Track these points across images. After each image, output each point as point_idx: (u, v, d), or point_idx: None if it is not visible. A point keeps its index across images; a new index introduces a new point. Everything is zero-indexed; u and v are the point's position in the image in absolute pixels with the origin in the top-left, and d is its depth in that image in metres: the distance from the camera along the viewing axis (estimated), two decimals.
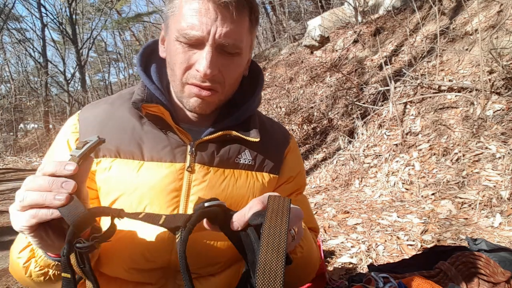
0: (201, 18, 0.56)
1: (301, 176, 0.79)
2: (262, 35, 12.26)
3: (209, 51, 0.57)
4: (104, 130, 0.64)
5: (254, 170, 0.69)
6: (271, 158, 0.72)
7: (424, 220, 2.07)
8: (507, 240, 1.73)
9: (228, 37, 0.57)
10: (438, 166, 2.58)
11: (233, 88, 0.67)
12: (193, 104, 0.63)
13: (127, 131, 0.64)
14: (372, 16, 5.48)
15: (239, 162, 0.68)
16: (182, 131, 0.65)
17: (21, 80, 14.72)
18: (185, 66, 0.60)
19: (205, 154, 0.65)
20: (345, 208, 2.50)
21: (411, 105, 3.35)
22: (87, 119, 0.66)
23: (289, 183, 0.75)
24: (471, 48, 3.28)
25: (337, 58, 5.53)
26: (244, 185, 0.67)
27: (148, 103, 0.63)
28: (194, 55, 0.59)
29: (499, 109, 2.62)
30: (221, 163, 0.66)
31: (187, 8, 0.57)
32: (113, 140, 0.63)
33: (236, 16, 0.57)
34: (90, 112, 0.68)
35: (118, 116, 0.66)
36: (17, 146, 11.59)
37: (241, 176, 0.68)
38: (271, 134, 0.75)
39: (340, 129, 4.06)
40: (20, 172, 6.94)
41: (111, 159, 0.63)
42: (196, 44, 0.58)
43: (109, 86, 21.61)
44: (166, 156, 0.64)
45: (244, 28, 0.60)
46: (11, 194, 4.41)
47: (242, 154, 0.69)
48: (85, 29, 15.21)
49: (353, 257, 1.76)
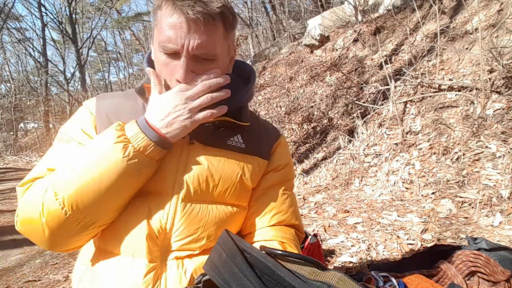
0: (175, 32, 0.62)
1: (289, 169, 0.83)
2: (262, 34, 12.25)
3: (183, 61, 0.63)
4: (118, 111, 0.73)
5: (245, 153, 0.75)
6: (261, 144, 0.79)
7: (424, 219, 2.07)
8: (507, 239, 1.73)
9: (200, 48, 0.63)
10: (438, 165, 2.58)
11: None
12: None
13: (137, 115, 0.69)
14: (372, 15, 5.47)
15: (231, 145, 0.74)
16: None
17: (21, 79, 14.73)
18: (168, 75, 0.67)
19: (202, 134, 0.72)
20: (345, 207, 2.50)
21: (411, 104, 3.35)
22: (105, 100, 0.75)
23: (276, 171, 0.80)
24: (471, 47, 3.28)
25: (337, 57, 5.52)
26: (235, 162, 0.73)
27: (148, 84, 0.71)
28: (174, 66, 0.65)
29: (499, 108, 2.62)
30: (215, 143, 0.73)
31: (165, 22, 0.63)
32: (125, 119, 0.69)
33: (205, 28, 0.62)
34: (107, 97, 0.77)
35: (128, 105, 0.75)
36: (17, 145, 11.59)
37: (233, 156, 0.74)
38: (263, 125, 0.84)
39: (340, 128, 4.06)
40: (20, 171, 6.94)
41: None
42: (174, 55, 0.64)
43: (109, 85, 21.60)
44: None
45: (217, 37, 0.65)
46: (11, 194, 4.41)
47: (234, 138, 0.75)
48: (85, 29, 15.20)
49: (353, 256, 1.76)
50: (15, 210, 0.65)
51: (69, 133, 0.72)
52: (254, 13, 12.86)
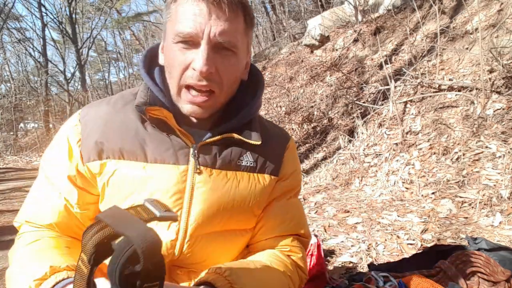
0: (195, 18, 0.57)
1: (296, 176, 0.79)
2: (262, 34, 12.26)
3: (205, 48, 0.58)
4: (106, 132, 0.64)
5: (256, 172, 0.70)
6: (271, 159, 0.73)
7: (424, 219, 2.07)
8: (507, 239, 1.73)
9: (222, 34, 0.58)
10: (438, 165, 2.58)
11: (232, 90, 0.67)
12: (188, 110, 0.64)
13: (130, 132, 0.64)
14: (372, 15, 5.47)
15: (241, 164, 0.69)
16: (184, 133, 0.65)
17: (21, 79, 14.73)
18: (183, 67, 0.60)
19: (207, 157, 0.66)
20: (345, 207, 2.50)
21: (411, 104, 3.35)
22: (89, 120, 0.66)
23: (284, 180, 0.76)
24: (471, 47, 3.28)
25: (337, 57, 5.52)
26: (246, 187, 0.68)
27: (152, 105, 0.63)
28: (191, 55, 0.59)
29: (499, 108, 2.62)
30: (224, 165, 0.67)
31: (181, 11, 0.58)
32: (116, 142, 0.64)
33: (229, 14, 0.58)
34: (91, 112, 0.68)
35: (120, 118, 0.66)
36: (17, 145, 11.59)
37: (243, 178, 0.68)
38: (271, 136, 0.76)
39: (340, 128, 4.06)
40: (20, 171, 6.94)
41: (115, 161, 0.64)
42: (192, 43, 0.59)
43: (109, 85, 21.61)
44: (170, 158, 0.64)
45: (239, 27, 0.61)
46: (11, 194, 4.42)
47: (244, 157, 0.69)
48: (85, 29, 15.20)
49: (353, 256, 1.76)
50: (15, 210, 0.65)
51: (51, 173, 0.66)
52: (254, 13, 12.83)
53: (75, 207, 0.65)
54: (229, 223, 0.68)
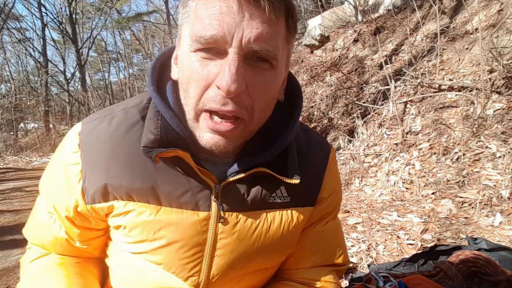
0: (222, 18, 0.42)
1: (336, 195, 0.66)
2: None
3: (234, 59, 0.43)
4: (111, 167, 0.53)
5: (291, 207, 0.59)
6: (310, 187, 0.61)
7: (424, 219, 2.07)
8: (507, 239, 1.73)
9: (259, 40, 0.43)
10: (438, 165, 2.58)
11: (265, 116, 0.52)
12: (207, 142, 0.48)
13: (138, 170, 0.52)
14: (372, 15, 5.47)
15: (273, 202, 0.57)
16: (204, 172, 0.52)
17: (21, 79, 14.71)
18: (203, 84, 0.45)
19: (233, 198, 0.54)
20: (345, 207, 2.50)
21: (411, 104, 3.35)
22: (91, 148, 0.54)
23: (321, 204, 0.63)
24: (472, 47, 3.28)
25: (337, 58, 5.52)
26: (278, 229, 0.58)
27: (164, 147, 0.49)
28: (214, 68, 0.44)
29: (499, 108, 2.62)
30: (253, 206, 0.56)
31: (203, 8, 0.44)
32: (122, 181, 0.52)
33: (269, 14, 0.43)
34: (92, 136, 0.55)
35: (125, 149, 0.53)
36: (17, 145, 11.58)
37: (274, 220, 0.57)
38: (309, 158, 0.61)
39: (340, 128, 4.06)
40: (20, 171, 6.94)
41: (123, 202, 0.53)
42: (217, 52, 0.44)
43: (109, 85, 21.60)
44: (187, 203, 0.53)
45: (281, 32, 0.46)
46: (11, 194, 4.41)
47: (277, 192, 0.57)
48: (85, 29, 15.22)
49: (354, 256, 1.76)
50: (15, 210, 0.65)
51: (50, 203, 0.59)
52: None
53: (77, 242, 0.61)
54: (257, 266, 0.61)
